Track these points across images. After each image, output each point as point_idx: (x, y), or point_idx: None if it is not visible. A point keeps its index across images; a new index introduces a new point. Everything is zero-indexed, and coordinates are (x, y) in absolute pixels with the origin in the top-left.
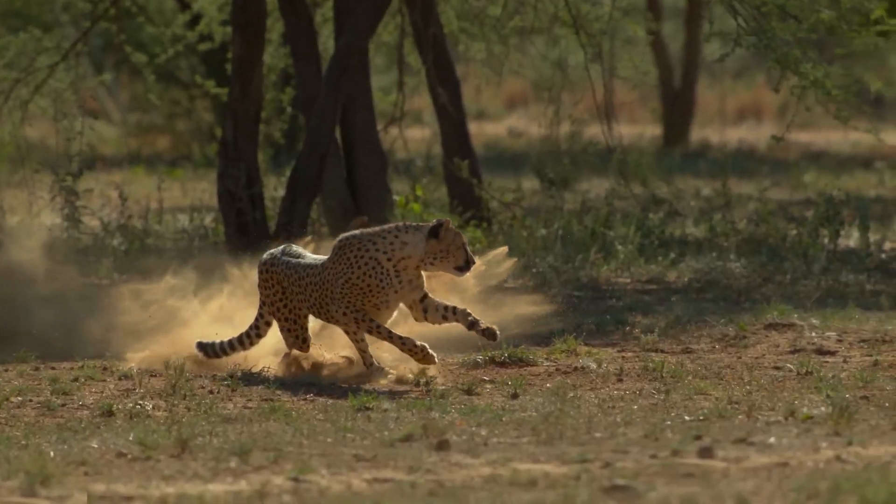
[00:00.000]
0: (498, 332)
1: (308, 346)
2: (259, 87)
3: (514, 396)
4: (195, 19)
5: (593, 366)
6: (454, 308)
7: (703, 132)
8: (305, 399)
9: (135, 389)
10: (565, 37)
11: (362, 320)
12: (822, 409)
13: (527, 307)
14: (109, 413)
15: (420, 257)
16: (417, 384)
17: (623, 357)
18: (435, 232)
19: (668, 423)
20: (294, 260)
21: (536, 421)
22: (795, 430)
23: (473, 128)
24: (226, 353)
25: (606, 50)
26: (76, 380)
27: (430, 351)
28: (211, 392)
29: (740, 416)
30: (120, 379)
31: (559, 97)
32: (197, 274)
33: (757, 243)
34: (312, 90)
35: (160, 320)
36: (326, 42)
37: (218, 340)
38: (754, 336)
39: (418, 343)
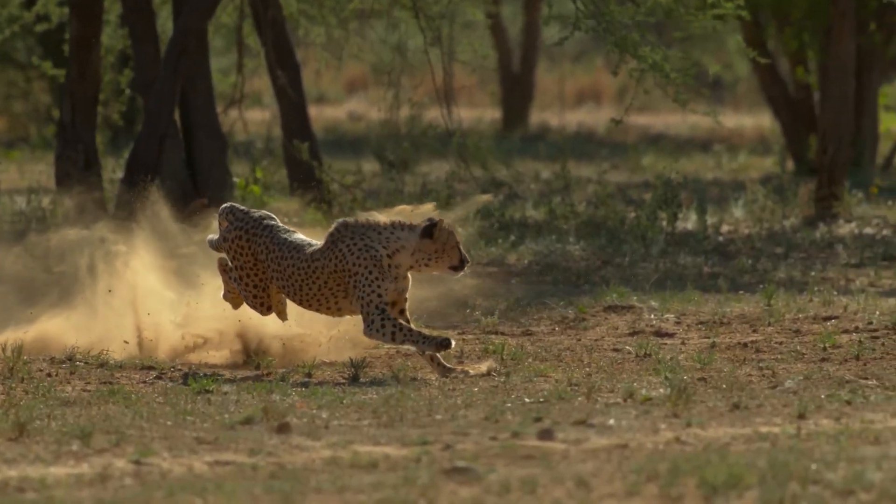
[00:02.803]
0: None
1: (270, 312)
2: (97, 69)
3: (355, 379)
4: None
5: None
6: (433, 357)
7: (542, 115)
8: (145, 382)
9: None
10: (405, 20)
11: (386, 319)
12: (661, 390)
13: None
14: None
15: (412, 254)
16: (258, 367)
17: (463, 339)
18: (429, 232)
19: (509, 405)
20: (281, 236)
21: (377, 403)
22: (635, 411)
23: (313, 111)
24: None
25: (445, 34)
26: None
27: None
28: (49, 375)
29: (580, 398)
30: None
31: (399, 81)
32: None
33: (596, 226)
34: (151, 72)
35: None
36: (165, 23)
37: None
38: (594, 318)
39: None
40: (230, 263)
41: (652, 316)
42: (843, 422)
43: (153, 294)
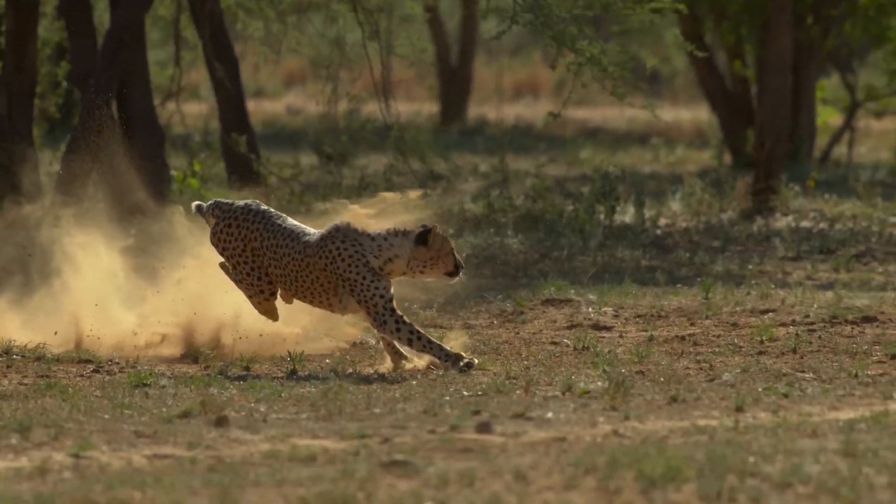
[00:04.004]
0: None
1: (275, 297)
2: (33, 62)
3: (293, 372)
4: None
5: (372, 341)
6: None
7: (480, 109)
8: (82, 376)
9: None
10: (343, 14)
11: (401, 323)
12: (599, 383)
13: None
14: None
15: (406, 263)
16: (196, 360)
17: None
18: (423, 238)
19: (447, 398)
20: (276, 222)
21: (315, 396)
22: (573, 404)
23: (252, 105)
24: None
25: (384, 27)
26: None
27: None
28: None
29: (518, 392)
30: None
31: (337, 75)
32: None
33: (534, 219)
34: (88, 64)
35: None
36: (102, 16)
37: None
38: (532, 311)
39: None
40: (224, 259)
41: (590, 309)
42: (781, 415)
43: (104, 285)
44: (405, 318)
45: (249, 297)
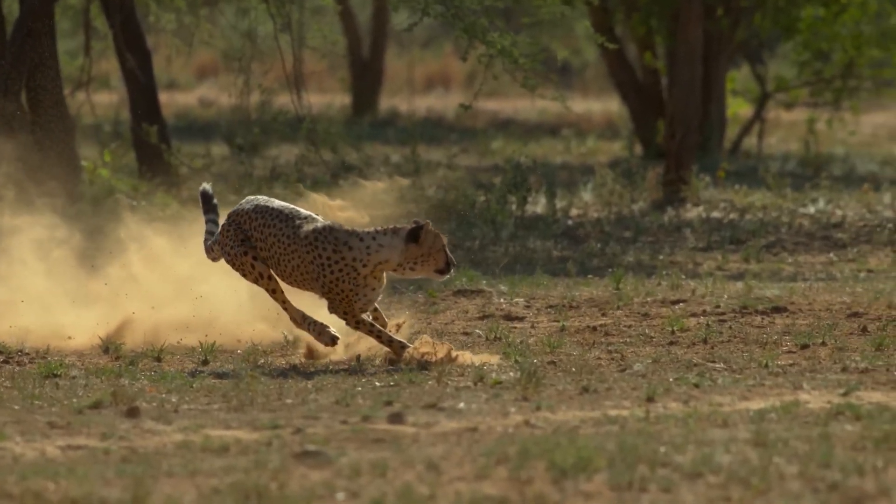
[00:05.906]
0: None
1: (264, 270)
2: None
3: (205, 363)
4: None
5: (284, 332)
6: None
7: (391, 101)
8: None
9: None
10: (254, 6)
11: (370, 329)
12: (511, 374)
13: None
14: None
15: (397, 263)
16: (107, 350)
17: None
18: (414, 236)
19: (359, 389)
20: (263, 204)
21: (227, 387)
22: (485, 395)
23: (164, 98)
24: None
25: (295, 19)
26: None
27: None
28: None
29: (430, 382)
30: None
31: (249, 67)
32: None
33: (446, 210)
34: None
35: None
36: (11, 5)
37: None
38: (444, 302)
39: (402, 342)
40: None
41: (502, 300)
42: (692, 405)
43: (39, 279)
44: (365, 320)
45: (252, 277)
